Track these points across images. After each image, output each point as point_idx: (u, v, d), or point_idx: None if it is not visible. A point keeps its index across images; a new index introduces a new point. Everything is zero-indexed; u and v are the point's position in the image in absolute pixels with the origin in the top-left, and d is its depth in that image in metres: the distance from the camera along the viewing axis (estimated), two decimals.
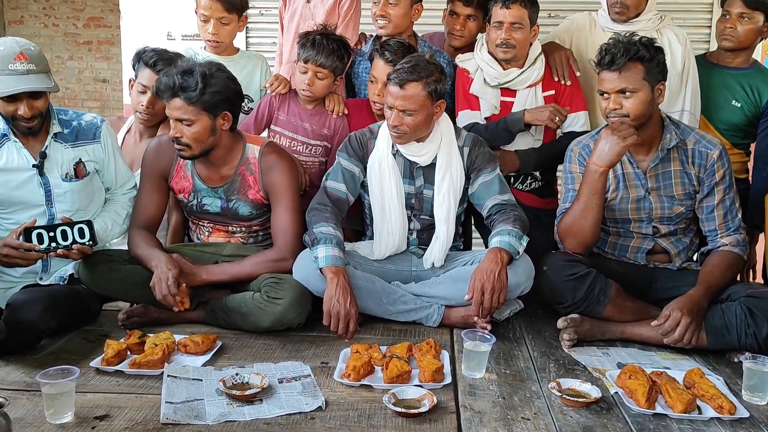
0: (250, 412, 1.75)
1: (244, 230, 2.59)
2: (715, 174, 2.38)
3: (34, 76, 2.21)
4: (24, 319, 2.05)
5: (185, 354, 2.11)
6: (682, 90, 2.79)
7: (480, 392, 1.91)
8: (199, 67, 2.32)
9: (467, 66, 2.86)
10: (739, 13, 2.80)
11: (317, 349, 2.20)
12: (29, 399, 1.80)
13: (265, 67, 3.07)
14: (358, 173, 2.53)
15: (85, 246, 2.26)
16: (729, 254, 2.35)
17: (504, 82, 2.80)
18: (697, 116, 2.82)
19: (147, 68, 2.69)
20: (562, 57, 2.83)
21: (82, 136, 2.44)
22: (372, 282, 2.40)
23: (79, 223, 2.26)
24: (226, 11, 2.85)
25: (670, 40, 2.78)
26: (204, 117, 2.33)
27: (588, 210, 2.34)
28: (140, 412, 1.75)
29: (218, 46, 2.94)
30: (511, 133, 2.76)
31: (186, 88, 2.28)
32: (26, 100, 2.22)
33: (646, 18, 2.80)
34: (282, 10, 3.20)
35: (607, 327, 2.31)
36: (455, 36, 3.02)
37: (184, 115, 2.31)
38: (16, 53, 2.18)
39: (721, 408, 1.79)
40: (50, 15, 8.20)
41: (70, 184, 2.39)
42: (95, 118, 2.50)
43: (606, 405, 1.85)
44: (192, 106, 2.30)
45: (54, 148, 2.38)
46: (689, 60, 2.81)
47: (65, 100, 8.25)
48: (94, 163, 2.47)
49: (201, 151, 2.40)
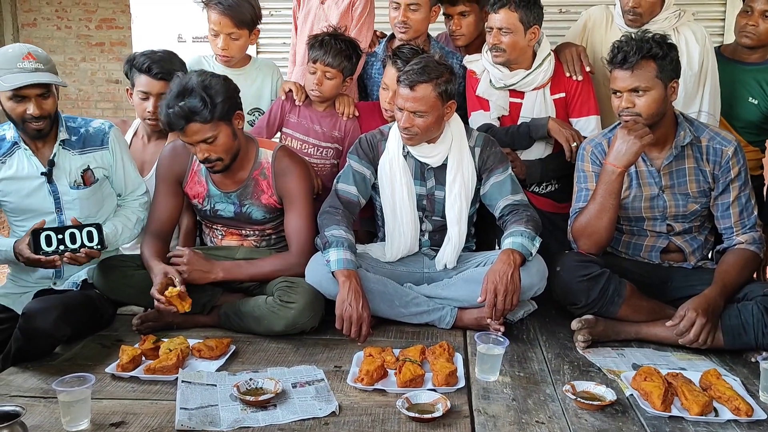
0: (264, 417, 1.75)
1: (257, 234, 2.60)
2: (730, 171, 2.35)
3: (42, 73, 2.24)
4: (39, 328, 2.07)
5: (199, 359, 2.12)
6: (699, 91, 2.73)
7: (494, 396, 1.91)
8: (195, 83, 2.27)
9: (474, 67, 2.84)
10: (763, 10, 2.71)
11: (330, 353, 2.20)
12: (46, 406, 1.82)
13: (276, 76, 3.05)
14: (369, 175, 2.53)
15: (93, 250, 2.26)
16: (745, 252, 2.33)
17: (509, 84, 2.76)
18: (716, 117, 2.75)
19: (142, 74, 2.68)
20: (573, 53, 2.78)
21: (89, 143, 2.45)
22: (384, 284, 2.40)
23: (88, 226, 2.26)
24: (235, 27, 2.82)
25: (687, 39, 2.71)
26: (223, 126, 2.32)
27: (604, 211, 2.32)
28: (155, 418, 1.76)
29: (228, 61, 2.92)
30: (531, 139, 2.73)
31: (196, 111, 2.25)
32: (35, 100, 2.24)
33: (663, 17, 2.71)
34: (296, 10, 3.19)
35: (622, 327, 2.30)
36: (455, 36, 3.01)
37: (205, 135, 2.30)
38: (24, 54, 2.23)
39: (738, 410, 1.78)
40: (63, 17, 8.28)
41: (78, 191, 2.41)
42: (103, 124, 2.51)
43: (621, 408, 1.84)
44: (209, 123, 2.28)
45: (62, 155, 2.39)
46: (708, 59, 2.72)
47: (78, 102, 8.33)
48: (102, 169, 2.47)
49: (231, 158, 2.40)
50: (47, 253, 2.20)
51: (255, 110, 2.99)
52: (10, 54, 2.23)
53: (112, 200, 2.56)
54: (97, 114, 8.25)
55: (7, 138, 2.37)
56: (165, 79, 2.64)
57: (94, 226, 2.27)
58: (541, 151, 2.80)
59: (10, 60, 2.21)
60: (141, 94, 2.71)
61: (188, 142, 2.34)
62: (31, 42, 8.01)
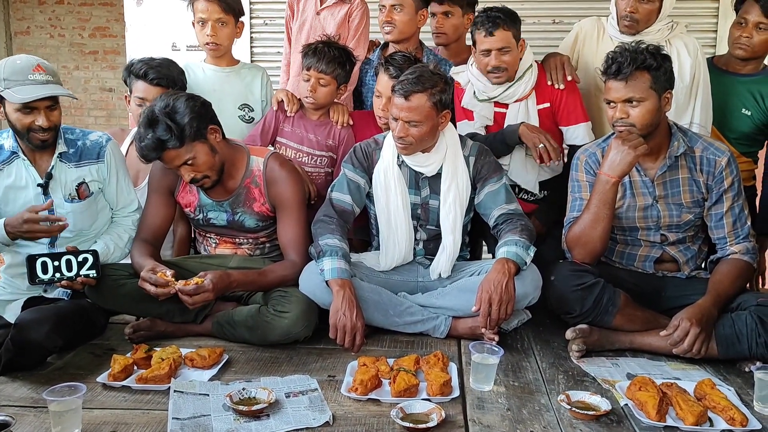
0: (257, 428, 1.74)
1: (251, 242, 2.59)
2: (723, 181, 2.36)
3: (54, 86, 2.27)
4: (32, 339, 2.04)
5: (192, 368, 2.10)
6: (690, 103, 2.74)
7: (488, 405, 1.90)
8: (158, 112, 2.27)
9: (459, 79, 2.85)
10: (757, 22, 2.71)
11: (324, 362, 2.19)
12: (36, 416, 1.79)
13: (265, 79, 3.07)
14: (364, 184, 2.53)
15: (89, 278, 2.26)
16: (738, 262, 2.33)
17: (492, 96, 2.78)
18: (708, 129, 2.75)
19: (139, 80, 2.68)
20: (557, 62, 2.80)
21: (86, 156, 2.44)
22: (378, 293, 2.39)
23: (84, 253, 2.26)
24: (223, 12, 2.86)
25: (679, 50, 2.73)
26: (198, 146, 2.32)
27: (598, 220, 2.33)
28: (147, 428, 1.74)
29: (217, 49, 2.93)
30: (508, 146, 2.74)
31: (165, 140, 2.26)
32: (44, 111, 2.25)
33: (656, 29, 2.73)
34: (289, 21, 3.20)
35: (616, 337, 2.30)
36: (437, 34, 3.06)
37: (183, 159, 2.31)
38: (34, 65, 2.25)
39: (733, 420, 1.77)
40: (56, 26, 8.25)
41: (72, 205, 2.40)
42: (101, 138, 2.50)
43: (616, 417, 1.83)
44: (183, 147, 2.29)
45: (59, 168, 2.39)
46: (699, 71, 2.73)
47: (72, 110, 8.29)
48: (97, 182, 2.47)
49: (218, 173, 2.41)
50: (43, 281, 2.20)
51: (244, 106, 2.99)
52: (19, 66, 2.24)
53: (106, 214, 2.54)
54: (89, 122, 8.22)
55: (5, 147, 2.36)
56: (161, 86, 2.65)
57: (91, 253, 2.27)
58: (524, 159, 2.79)
59: (21, 72, 2.22)
60: (138, 101, 2.70)
61: (170, 168, 2.35)
62: (24, 50, 8.00)
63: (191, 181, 2.38)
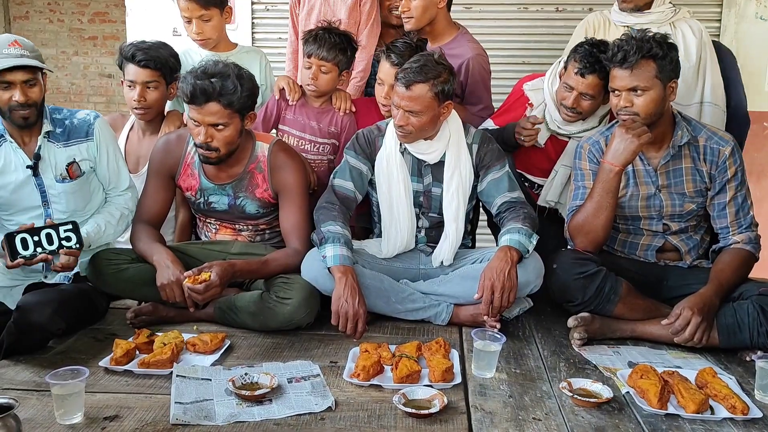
0: (259, 412, 1.74)
1: (251, 229, 2.58)
2: (726, 171, 2.35)
3: (28, 59, 2.24)
4: (34, 322, 2.05)
5: (194, 353, 2.10)
6: (699, 82, 2.72)
7: (490, 392, 1.90)
8: (231, 69, 2.29)
9: (533, 97, 2.76)
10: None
11: (326, 348, 2.19)
12: (39, 399, 1.80)
13: (264, 62, 3.05)
14: (366, 171, 2.52)
15: (72, 249, 2.21)
16: (741, 252, 2.33)
17: (571, 132, 2.67)
18: (722, 107, 2.73)
19: (129, 63, 2.67)
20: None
21: (74, 135, 2.42)
22: (380, 280, 2.39)
23: (64, 225, 2.20)
24: (203, 8, 2.83)
25: (684, 32, 2.72)
26: (236, 119, 2.33)
27: (601, 209, 2.32)
28: (150, 412, 1.74)
29: (206, 43, 2.92)
30: (508, 145, 2.69)
31: (225, 92, 2.25)
32: (21, 86, 2.23)
33: (659, 10, 2.73)
34: (295, 7, 3.14)
35: (618, 325, 2.30)
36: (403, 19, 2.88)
37: (219, 119, 2.29)
38: (11, 41, 2.24)
39: (734, 408, 1.78)
40: (55, 10, 8.21)
41: (64, 185, 2.38)
42: (88, 115, 2.47)
43: (618, 405, 1.84)
44: (228, 109, 2.28)
45: (47, 148, 2.36)
46: (705, 51, 2.72)
47: (71, 96, 8.26)
48: (88, 161, 2.44)
49: (228, 153, 2.39)
50: (25, 257, 2.14)
51: None
52: None
53: (99, 194, 2.53)
54: (89, 108, 8.15)
55: None
56: (149, 67, 2.64)
57: (70, 224, 2.21)
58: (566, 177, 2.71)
59: None
60: (128, 83, 2.70)
61: (198, 120, 2.29)
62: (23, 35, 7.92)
63: (201, 145, 2.32)
